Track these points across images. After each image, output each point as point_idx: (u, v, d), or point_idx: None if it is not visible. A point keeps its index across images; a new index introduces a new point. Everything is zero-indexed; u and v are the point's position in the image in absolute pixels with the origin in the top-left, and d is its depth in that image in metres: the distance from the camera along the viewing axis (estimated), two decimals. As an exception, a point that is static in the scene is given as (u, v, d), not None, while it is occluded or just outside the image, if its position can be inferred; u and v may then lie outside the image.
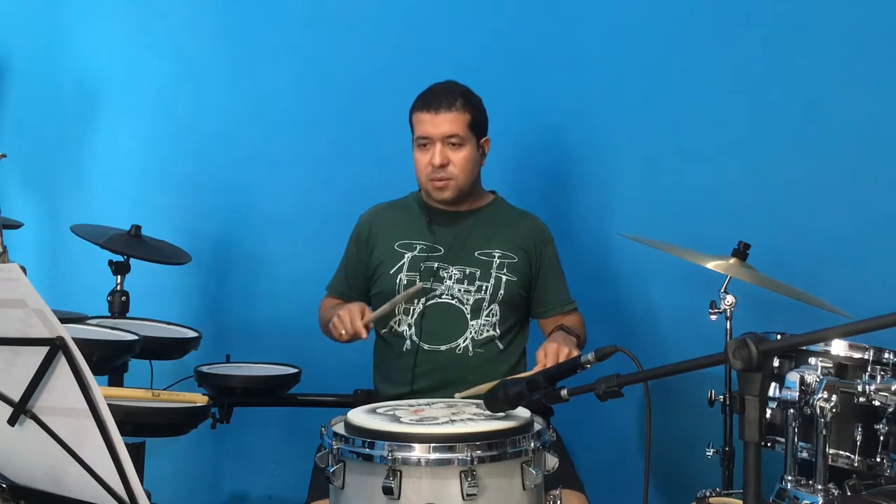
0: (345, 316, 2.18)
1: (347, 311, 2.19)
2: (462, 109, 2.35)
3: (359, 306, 2.22)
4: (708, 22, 2.90)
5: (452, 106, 2.34)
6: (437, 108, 2.33)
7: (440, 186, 2.38)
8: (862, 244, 2.71)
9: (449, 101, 2.34)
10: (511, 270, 2.41)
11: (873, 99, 2.72)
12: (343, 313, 2.19)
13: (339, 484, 1.68)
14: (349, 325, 2.17)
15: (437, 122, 2.33)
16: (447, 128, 2.34)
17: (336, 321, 2.20)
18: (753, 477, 1.29)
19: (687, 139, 2.92)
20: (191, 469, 3.44)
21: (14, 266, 1.35)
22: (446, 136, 2.34)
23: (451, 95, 2.36)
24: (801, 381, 1.97)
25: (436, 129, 2.34)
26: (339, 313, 2.20)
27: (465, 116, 2.35)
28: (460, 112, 2.35)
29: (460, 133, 2.35)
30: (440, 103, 2.34)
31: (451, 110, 2.34)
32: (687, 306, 2.68)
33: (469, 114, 2.36)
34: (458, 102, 2.35)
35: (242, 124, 3.46)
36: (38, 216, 3.65)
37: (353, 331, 2.17)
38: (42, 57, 3.77)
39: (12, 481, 1.54)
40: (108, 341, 2.36)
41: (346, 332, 2.18)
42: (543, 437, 1.73)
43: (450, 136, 2.34)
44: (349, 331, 2.17)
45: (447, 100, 2.34)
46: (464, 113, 2.35)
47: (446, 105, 2.34)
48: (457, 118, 2.34)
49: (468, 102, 2.38)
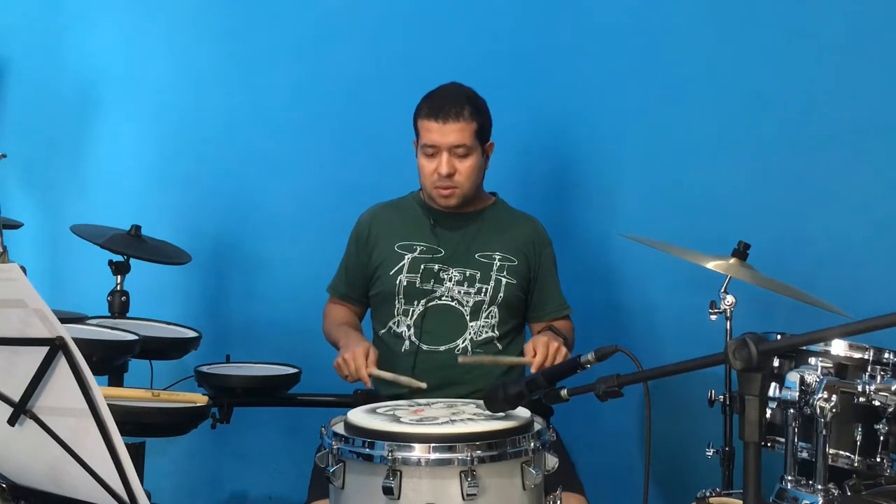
0: (350, 361, 2.19)
1: (353, 355, 2.19)
2: (469, 119, 2.32)
3: (363, 349, 2.21)
4: (708, 22, 2.90)
5: (461, 116, 2.31)
6: (446, 117, 2.30)
7: (446, 195, 2.37)
8: (862, 244, 2.71)
9: (457, 111, 2.31)
10: (511, 273, 2.41)
11: (873, 99, 2.72)
12: (348, 357, 2.20)
13: (339, 484, 1.68)
14: (354, 371, 2.19)
15: (445, 132, 2.31)
16: (454, 137, 2.31)
17: (341, 363, 2.21)
18: (753, 477, 1.29)
19: (687, 139, 2.92)
20: (191, 469, 3.44)
21: (14, 266, 1.35)
22: (453, 145, 2.32)
23: (458, 104, 2.32)
24: (801, 381, 1.97)
25: (443, 138, 2.31)
26: (344, 357, 2.21)
27: (472, 125, 2.33)
28: (468, 121, 2.32)
29: (467, 143, 2.32)
30: (448, 112, 2.30)
31: (460, 120, 2.31)
32: (687, 306, 2.68)
33: (476, 122, 2.34)
34: (466, 112, 2.31)
35: (242, 124, 3.46)
36: (38, 216, 3.65)
37: (357, 378, 2.19)
38: (42, 57, 3.76)
39: (12, 481, 1.54)
40: (108, 341, 2.36)
41: (350, 376, 2.21)
42: (543, 437, 1.73)
43: (457, 146, 2.32)
44: (353, 377, 2.20)
45: (455, 109, 2.31)
46: (471, 122, 2.32)
47: (454, 115, 2.30)
48: (464, 128, 2.31)
49: (476, 110, 2.35)
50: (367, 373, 2.17)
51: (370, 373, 2.18)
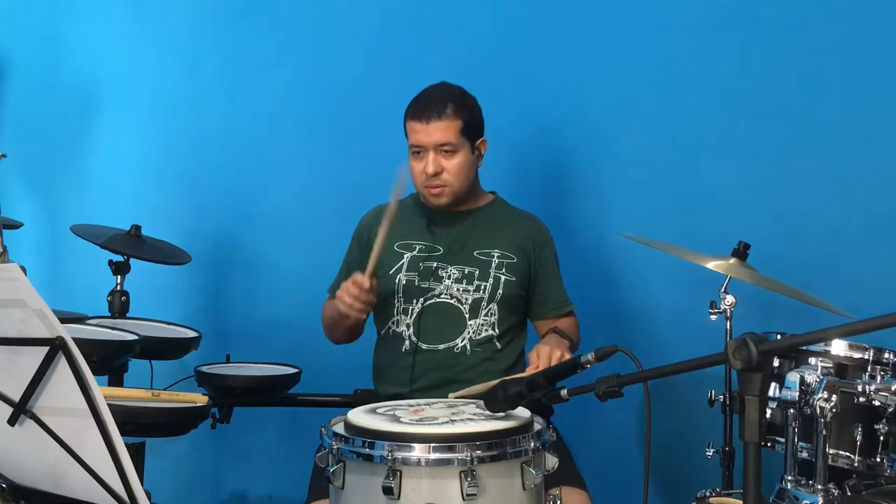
0: (343, 291, 2.18)
1: (343, 288, 2.19)
2: (453, 116, 2.32)
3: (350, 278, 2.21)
4: (708, 22, 2.90)
5: (443, 114, 2.31)
6: (428, 117, 2.31)
7: (435, 194, 2.38)
8: (862, 244, 2.71)
9: (440, 110, 2.31)
10: (510, 270, 2.41)
11: (873, 99, 2.72)
12: (340, 291, 2.19)
13: (339, 484, 1.68)
14: (353, 288, 2.16)
15: (429, 132, 2.32)
16: (438, 136, 2.32)
17: (339, 297, 2.19)
18: (753, 477, 1.28)
19: (687, 139, 2.92)
20: (191, 469, 3.44)
21: (14, 266, 1.35)
22: (438, 144, 2.32)
23: (441, 103, 2.33)
24: (801, 381, 1.97)
25: (428, 137, 2.32)
26: (337, 294, 2.20)
27: (456, 123, 2.33)
28: (451, 119, 2.32)
29: (452, 140, 2.33)
30: (431, 112, 2.31)
31: (442, 118, 2.31)
32: (687, 306, 2.68)
33: (461, 119, 2.34)
34: (448, 109, 2.32)
35: (242, 124, 3.46)
36: (38, 216, 3.65)
37: (359, 288, 2.16)
38: (42, 57, 3.77)
39: (12, 481, 1.54)
40: (108, 341, 2.36)
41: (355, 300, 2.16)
42: (543, 437, 1.73)
43: (442, 144, 2.32)
44: (353, 293, 2.16)
45: (437, 108, 2.32)
46: (455, 119, 2.33)
47: (437, 114, 2.31)
48: (448, 126, 2.32)
49: (460, 107, 2.35)
50: (362, 277, 2.16)
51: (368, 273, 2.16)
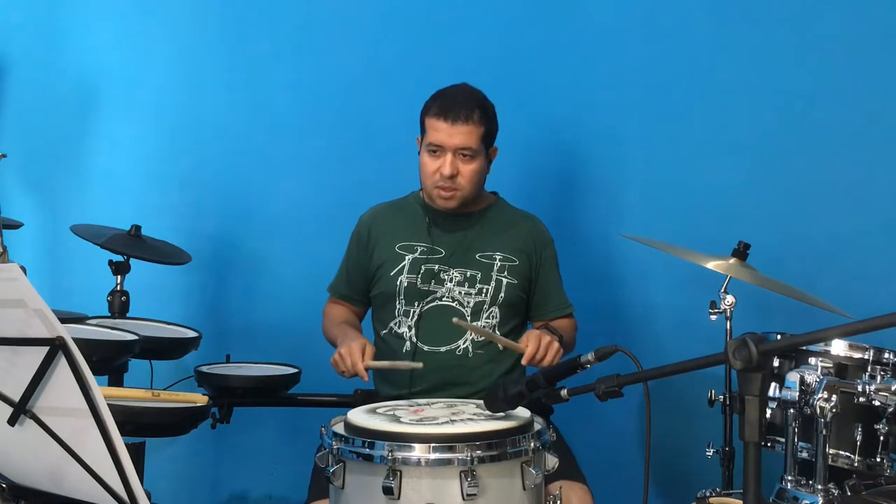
0: (346, 356, 2.18)
1: (349, 350, 2.19)
2: (479, 122, 2.31)
3: (359, 345, 2.21)
4: (709, 22, 2.91)
5: (470, 118, 2.29)
6: (455, 118, 2.28)
7: (446, 196, 2.36)
8: (862, 244, 2.71)
9: (467, 113, 2.29)
10: (512, 273, 2.40)
11: (873, 99, 2.72)
12: (344, 352, 2.19)
13: (339, 484, 1.68)
14: (350, 366, 2.18)
15: (453, 133, 2.29)
16: (461, 140, 2.29)
17: (338, 359, 2.20)
18: (753, 477, 1.29)
19: (687, 139, 2.93)
20: (191, 469, 3.44)
21: (14, 266, 1.35)
22: (459, 147, 2.30)
23: (469, 106, 2.30)
24: (801, 381, 1.97)
25: (450, 139, 2.30)
26: (340, 352, 2.20)
27: (480, 129, 2.31)
28: (477, 125, 2.30)
29: (473, 146, 2.31)
30: (458, 114, 2.29)
31: (469, 123, 2.29)
32: (687, 306, 2.68)
33: (484, 126, 2.32)
34: (475, 115, 2.30)
35: (242, 124, 3.46)
36: (38, 216, 3.65)
37: (354, 372, 2.18)
38: (42, 57, 3.76)
39: (12, 481, 1.54)
40: (108, 341, 2.36)
41: (346, 371, 2.19)
42: (543, 437, 1.73)
43: (463, 148, 2.30)
44: (350, 372, 2.19)
45: (465, 111, 2.29)
46: (479, 126, 2.31)
47: (464, 117, 2.29)
48: (472, 131, 2.30)
49: (484, 114, 2.33)
50: (363, 366, 2.16)
51: (367, 366, 2.17)
